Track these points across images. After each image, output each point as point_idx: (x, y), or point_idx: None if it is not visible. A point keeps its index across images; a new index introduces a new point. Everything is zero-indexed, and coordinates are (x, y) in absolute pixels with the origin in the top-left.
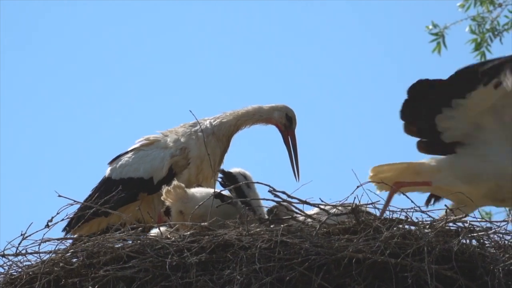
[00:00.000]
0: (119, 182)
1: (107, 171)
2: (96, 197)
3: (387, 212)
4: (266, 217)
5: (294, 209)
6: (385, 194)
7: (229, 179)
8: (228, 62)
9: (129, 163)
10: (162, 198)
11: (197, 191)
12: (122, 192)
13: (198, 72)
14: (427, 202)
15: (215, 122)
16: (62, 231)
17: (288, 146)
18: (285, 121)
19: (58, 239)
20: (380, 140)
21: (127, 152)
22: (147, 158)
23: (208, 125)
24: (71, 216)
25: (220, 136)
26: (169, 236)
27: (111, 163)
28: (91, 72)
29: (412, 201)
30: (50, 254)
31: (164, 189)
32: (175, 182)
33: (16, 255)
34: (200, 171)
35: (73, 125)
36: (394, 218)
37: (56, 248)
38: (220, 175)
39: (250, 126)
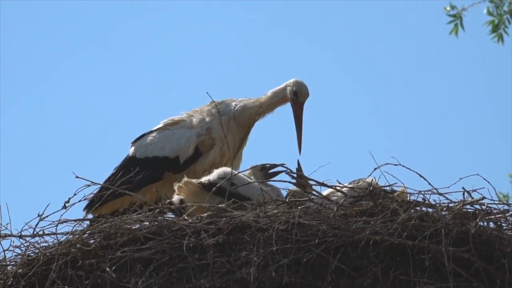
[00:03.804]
0: (143, 161)
1: (131, 149)
2: (120, 176)
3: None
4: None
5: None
6: (402, 176)
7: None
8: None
9: (154, 142)
10: (175, 194)
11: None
12: (147, 170)
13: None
14: None
15: (238, 106)
16: (83, 210)
17: (295, 118)
18: (292, 95)
19: (75, 220)
20: (397, 122)
21: (151, 132)
22: (172, 137)
23: (232, 107)
24: (90, 197)
25: (241, 122)
26: (186, 218)
27: (134, 142)
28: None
29: (429, 183)
30: (67, 235)
31: (176, 185)
32: (185, 179)
33: (33, 236)
34: (223, 153)
35: (91, 107)
36: (411, 200)
37: (73, 229)
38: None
39: (272, 111)
